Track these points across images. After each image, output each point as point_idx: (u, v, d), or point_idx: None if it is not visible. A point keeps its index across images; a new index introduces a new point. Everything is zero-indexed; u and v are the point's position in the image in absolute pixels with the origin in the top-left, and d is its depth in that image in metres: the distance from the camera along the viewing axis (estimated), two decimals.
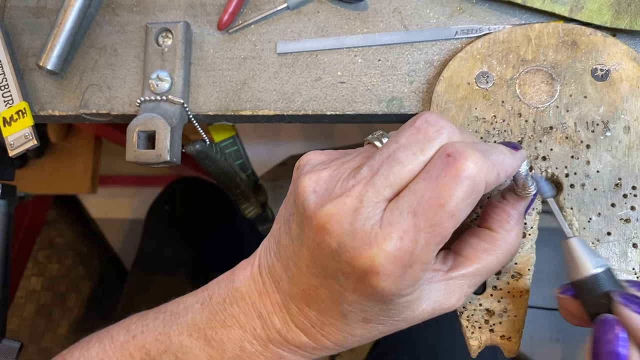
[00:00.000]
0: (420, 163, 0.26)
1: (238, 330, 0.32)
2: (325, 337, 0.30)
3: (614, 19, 0.37)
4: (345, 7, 0.41)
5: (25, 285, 1.28)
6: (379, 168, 0.26)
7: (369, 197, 0.26)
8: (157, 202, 0.91)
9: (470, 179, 0.25)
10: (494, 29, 0.39)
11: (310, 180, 0.28)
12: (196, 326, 0.33)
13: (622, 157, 0.36)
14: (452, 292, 0.30)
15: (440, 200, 0.25)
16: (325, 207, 0.26)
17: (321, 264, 0.28)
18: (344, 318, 0.29)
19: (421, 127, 0.27)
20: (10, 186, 0.50)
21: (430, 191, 0.25)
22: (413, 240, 0.25)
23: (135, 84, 0.42)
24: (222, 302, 0.32)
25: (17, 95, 0.41)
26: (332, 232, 0.26)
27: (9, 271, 0.50)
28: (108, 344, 0.35)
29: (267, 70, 0.41)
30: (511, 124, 0.37)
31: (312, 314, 0.30)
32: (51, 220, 1.32)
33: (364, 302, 0.28)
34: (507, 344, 0.35)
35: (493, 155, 0.27)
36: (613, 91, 0.36)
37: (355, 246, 0.26)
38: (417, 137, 0.27)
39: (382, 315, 0.29)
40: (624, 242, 0.35)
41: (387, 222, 0.25)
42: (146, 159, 0.39)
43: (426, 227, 0.25)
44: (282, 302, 0.31)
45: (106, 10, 0.44)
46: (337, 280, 0.27)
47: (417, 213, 0.25)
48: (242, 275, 0.32)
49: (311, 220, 0.27)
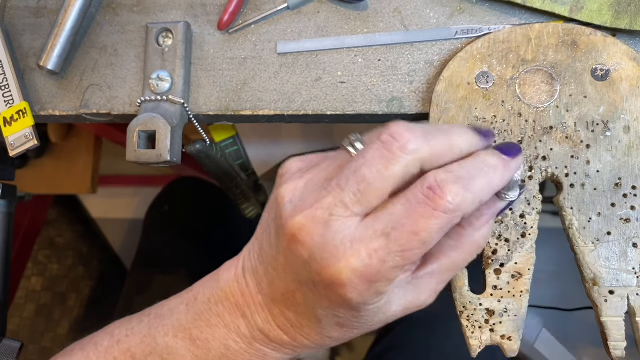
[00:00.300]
0: (387, 179, 0.26)
1: (223, 329, 0.32)
2: (304, 337, 0.31)
3: (614, 19, 0.37)
4: (346, 7, 0.41)
5: (26, 285, 1.28)
6: (346, 185, 0.27)
7: (339, 211, 0.26)
8: (156, 202, 0.91)
9: (448, 214, 0.26)
10: (494, 29, 0.39)
11: (287, 190, 0.29)
12: (182, 327, 0.33)
13: (622, 157, 0.36)
14: (421, 291, 0.30)
15: (415, 228, 0.25)
16: (297, 218, 0.27)
17: (295, 271, 0.29)
18: (320, 322, 0.30)
19: (387, 142, 0.26)
20: (11, 186, 0.50)
21: (406, 219, 0.26)
22: (381, 260, 0.26)
23: (136, 84, 0.42)
24: (207, 301, 0.33)
25: (18, 95, 0.41)
26: (304, 242, 0.27)
27: (9, 271, 0.50)
28: (92, 351, 0.35)
29: (268, 70, 0.41)
30: (511, 124, 0.37)
31: (291, 315, 0.31)
32: (51, 220, 1.32)
33: (335, 309, 0.28)
34: (507, 343, 0.35)
35: (477, 183, 0.27)
36: (613, 91, 0.36)
37: (325, 258, 0.26)
38: (382, 152, 0.26)
39: (354, 321, 0.30)
40: (624, 241, 0.35)
41: (359, 239, 0.26)
42: (146, 159, 0.39)
43: (396, 251, 0.26)
44: (264, 303, 0.31)
45: (107, 10, 0.44)
46: (310, 287, 0.28)
47: (390, 236, 0.26)
48: (227, 276, 0.33)
49: (284, 229, 0.28)
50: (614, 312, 0.35)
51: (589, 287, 0.35)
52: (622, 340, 0.34)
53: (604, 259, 0.35)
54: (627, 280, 0.35)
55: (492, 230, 0.36)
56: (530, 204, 0.36)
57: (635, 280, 0.35)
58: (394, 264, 0.26)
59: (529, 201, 0.36)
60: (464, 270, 0.36)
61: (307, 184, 0.29)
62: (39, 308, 1.27)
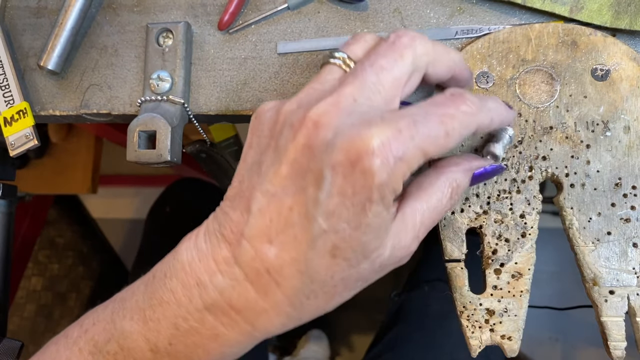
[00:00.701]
0: (401, 69, 0.29)
1: (174, 306, 0.30)
2: (280, 286, 0.28)
3: (614, 19, 0.37)
4: (346, 8, 0.41)
5: (26, 285, 1.28)
6: (364, 75, 0.28)
7: (363, 96, 0.27)
8: (157, 204, 0.91)
9: (468, 113, 0.28)
10: (494, 29, 0.39)
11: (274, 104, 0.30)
12: (138, 308, 0.31)
13: (622, 157, 0.36)
14: (406, 229, 0.29)
15: (441, 118, 0.27)
16: (317, 107, 0.27)
17: (305, 168, 0.27)
18: (311, 248, 0.27)
19: (395, 40, 0.29)
20: (11, 186, 0.50)
21: (433, 110, 0.27)
22: (410, 137, 0.26)
23: (136, 84, 0.42)
24: (163, 277, 0.31)
25: (18, 95, 0.42)
26: (328, 124, 0.26)
27: (10, 271, 0.50)
28: (62, 344, 0.33)
29: (268, 70, 0.41)
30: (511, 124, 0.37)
31: (272, 252, 0.27)
32: (51, 220, 1.32)
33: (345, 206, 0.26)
34: (507, 343, 0.35)
35: (490, 102, 0.30)
36: (613, 91, 0.36)
37: (356, 126, 0.26)
38: (393, 47, 0.29)
39: (353, 242, 0.27)
40: (624, 241, 0.35)
41: (389, 118, 0.26)
42: (147, 159, 0.39)
43: (423, 135, 0.26)
44: (231, 254, 0.29)
45: (107, 10, 0.44)
46: (322, 181, 0.26)
47: (417, 121, 0.26)
48: (185, 245, 0.31)
49: (302, 124, 0.27)
50: (614, 312, 0.35)
51: (589, 287, 0.35)
52: (622, 340, 0.34)
53: (604, 259, 0.35)
54: (627, 280, 0.35)
55: (493, 230, 0.36)
56: (530, 204, 0.36)
57: (635, 280, 0.35)
58: (418, 143, 0.26)
59: (529, 201, 0.36)
60: (464, 269, 0.36)
61: (306, 96, 0.29)
62: (39, 308, 1.27)
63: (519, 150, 0.36)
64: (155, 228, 0.88)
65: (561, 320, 0.98)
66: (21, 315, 1.26)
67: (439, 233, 0.37)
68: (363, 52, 0.31)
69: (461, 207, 0.36)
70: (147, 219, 0.91)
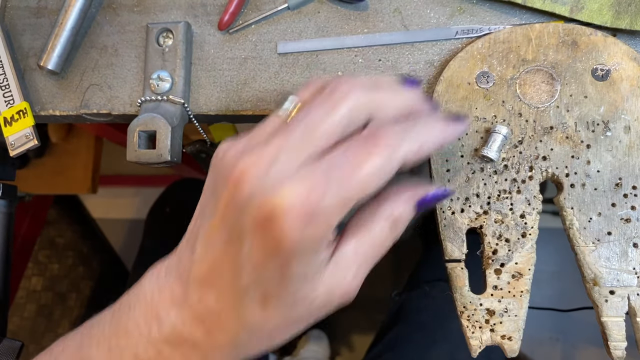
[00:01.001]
0: (332, 122, 0.27)
1: (136, 336, 0.31)
2: (221, 328, 0.29)
3: (614, 19, 0.37)
4: (346, 7, 0.41)
5: (26, 285, 1.29)
6: (293, 130, 0.27)
7: (285, 153, 0.27)
8: (157, 204, 0.91)
9: (387, 152, 0.26)
10: (494, 29, 0.39)
11: (229, 148, 0.29)
12: (104, 336, 0.32)
13: (622, 157, 0.36)
14: (345, 270, 0.28)
15: (353, 167, 0.26)
16: (244, 158, 0.27)
17: (231, 224, 0.28)
18: (242, 299, 0.28)
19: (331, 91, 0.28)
20: (11, 186, 0.50)
21: (346, 158, 0.26)
22: (321, 195, 0.25)
23: (136, 84, 0.42)
24: (128, 307, 0.32)
25: (18, 95, 0.42)
26: (249, 181, 0.26)
27: (10, 271, 0.50)
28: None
29: (268, 70, 0.41)
30: (511, 124, 0.37)
31: (211, 298, 0.29)
32: (51, 220, 1.33)
33: (265, 263, 0.27)
34: (507, 343, 0.35)
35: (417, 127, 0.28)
36: (613, 91, 0.36)
37: (267, 188, 0.26)
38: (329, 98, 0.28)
39: (281, 292, 0.28)
40: (624, 241, 0.35)
41: (301, 176, 0.26)
42: (147, 159, 0.39)
43: (335, 190, 0.26)
44: (182, 293, 0.30)
45: (107, 10, 0.44)
46: (243, 238, 0.27)
47: (330, 175, 0.26)
48: (149, 274, 0.32)
49: (230, 175, 0.27)
50: (615, 312, 0.35)
51: (590, 287, 0.35)
52: (623, 340, 0.34)
53: (605, 259, 0.35)
54: (627, 280, 0.35)
55: (493, 230, 0.36)
56: (530, 204, 0.36)
57: (635, 280, 0.35)
58: (333, 202, 0.26)
59: (529, 201, 0.36)
60: (464, 270, 0.36)
61: (250, 138, 0.29)
62: (39, 308, 1.27)
63: (519, 150, 0.36)
64: (155, 228, 0.88)
65: (561, 320, 0.98)
66: (21, 315, 1.26)
67: (439, 233, 0.37)
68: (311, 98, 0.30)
69: (461, 207, 0.36)
70: (147, 219, 0.91)
